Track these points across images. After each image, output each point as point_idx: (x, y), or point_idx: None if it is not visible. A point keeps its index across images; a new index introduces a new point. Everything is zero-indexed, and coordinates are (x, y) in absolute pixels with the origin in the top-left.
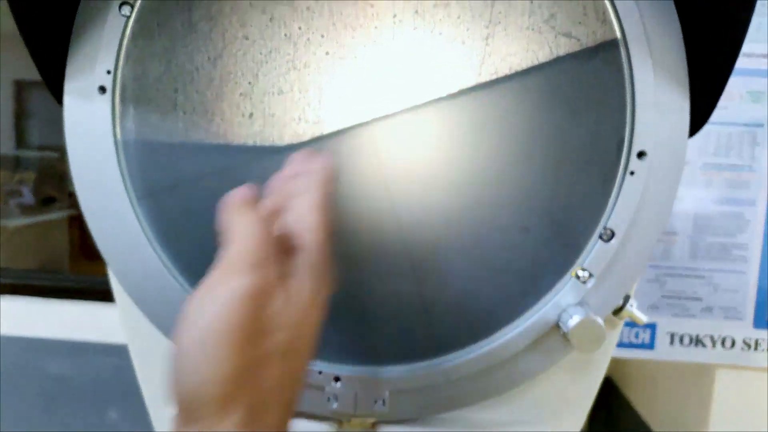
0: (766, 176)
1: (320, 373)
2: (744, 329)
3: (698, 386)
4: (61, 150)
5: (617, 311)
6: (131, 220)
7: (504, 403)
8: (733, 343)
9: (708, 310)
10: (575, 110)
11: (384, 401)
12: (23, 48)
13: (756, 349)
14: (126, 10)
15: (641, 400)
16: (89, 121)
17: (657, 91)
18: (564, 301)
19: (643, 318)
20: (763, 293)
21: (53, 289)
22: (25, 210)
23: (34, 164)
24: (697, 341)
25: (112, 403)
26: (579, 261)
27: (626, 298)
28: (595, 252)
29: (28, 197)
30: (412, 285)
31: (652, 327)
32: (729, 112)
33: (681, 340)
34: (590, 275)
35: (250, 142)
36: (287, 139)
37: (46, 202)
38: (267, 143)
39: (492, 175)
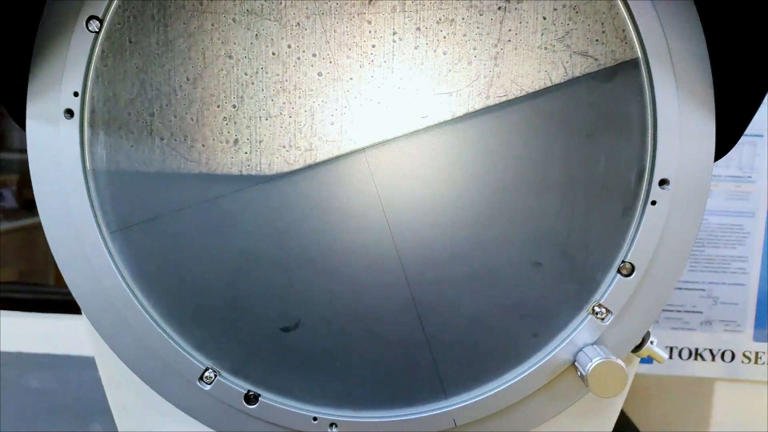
0: (767, 187)
1: (315, 419)
2: (744, 342)
3: (697, 400)
4: None
5: (636, 348)
6: (102, 257)
7: None
8: (733, 356)
9: (707, 323)
10: (592, 135)
11: None
12: None
13: (756, 362)
14: (94, 25)
15: (638, 416)
16: (55, 147)
17: (681, 115)
18: (580, 340)
19: (663, 356)
20: (762, 306)
21: (32, 302)
22: (7, 214)
23: (16, 167)
24: (697, 354)
25: (95, 416)
26: (596, 297)
27: (646, 335)
28: (613, 287)
29: (9, 200)
30: (414, 323)
31: None
32: None
33: (680, 353)
34: (608, 312)
35: (235, 171)
36: (276, 168)
37: (28, 206)
38: (254, 172)
39: (501, 206)
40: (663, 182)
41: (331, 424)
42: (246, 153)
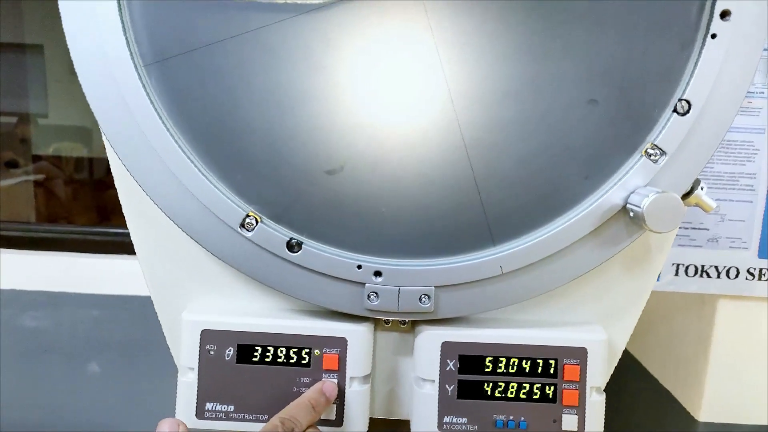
0: None
1: (359, 267)
2: (749, 259)
3: (699, 318)
4: (19, 115)
5: (686, 195)
6: (137, 90)
7: (552, 302)
8: (738, 273)
9: (714, 240)
10: None
11: (429, 297)
12: None
13: (760, 278)
14: None
15: (639, 337)
16: None
17: None
18: (632, 183)
19: (712, 204)
20: None
21: (28, 240)
22: None
23: None
24: (702, 272)
25: (92, 356)
26: (651, 137)
27: (696, 182)
28: (669, 127)
29: None
30: (464, 165)
31: None
32: None
33: (686, 270)
34: (662, 153)
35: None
36: None
37: (9, 166)
38: (298, 0)
39: (556, 40)
40: (724, 14)
41: (376, 273)
42: None
